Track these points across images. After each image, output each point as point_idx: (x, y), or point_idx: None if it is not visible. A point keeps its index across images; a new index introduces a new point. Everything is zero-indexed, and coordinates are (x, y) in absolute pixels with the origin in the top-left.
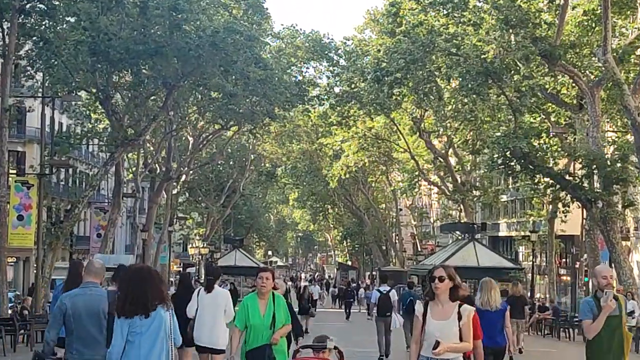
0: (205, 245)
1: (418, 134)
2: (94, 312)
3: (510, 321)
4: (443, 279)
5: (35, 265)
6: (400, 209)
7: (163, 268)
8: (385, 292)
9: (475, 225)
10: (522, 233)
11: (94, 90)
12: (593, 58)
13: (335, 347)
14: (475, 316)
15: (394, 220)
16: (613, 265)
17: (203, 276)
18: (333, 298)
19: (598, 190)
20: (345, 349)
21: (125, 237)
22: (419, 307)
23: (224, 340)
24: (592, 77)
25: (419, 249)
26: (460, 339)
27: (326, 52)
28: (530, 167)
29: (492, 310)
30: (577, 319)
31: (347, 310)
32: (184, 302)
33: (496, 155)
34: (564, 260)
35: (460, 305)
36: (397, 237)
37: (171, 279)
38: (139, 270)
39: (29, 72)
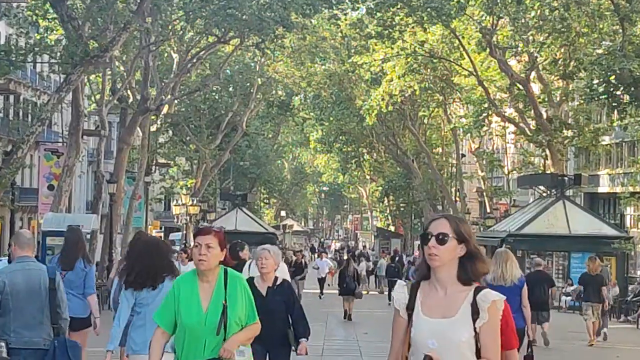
0: (195, 202)
1: (488, 50)
2: (35, 290)
3: (585, 306)
4: (445, 238)
5: None
6: (463, 155)
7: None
8: None
9: (566, 178)
10: (631, 189)
11: None
12: None
13: None
14: (507, 314)
15: (454, 170)
16: None
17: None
18: (367, 275)
19: None
20: (385, 344)
21: (86, 191)
22: (399, 292)
23: None
24: None
25: (488, 210)
26: (478, 355)
27: None
28: None
29: (506, 285)
30: None
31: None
32: None
33: (596, 81)
34: None
35: (477, 291)
36: (458, 194)
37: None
38: (147, 243)
39: None
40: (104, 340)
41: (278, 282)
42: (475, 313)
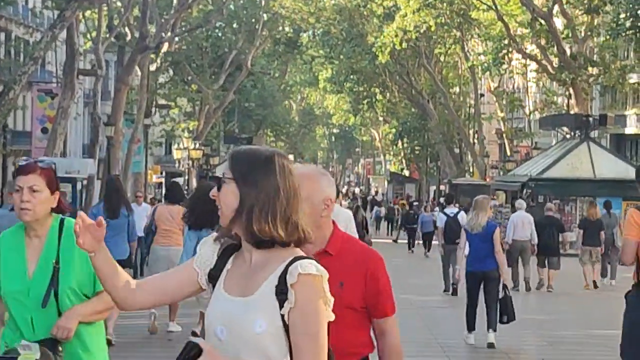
0: (197, 145)
1: None
2: None
3: (582, 249)
4: (225, 184)
5: None
6: (482, 95)
7: (137, 178)
8: (452, 214)
9: (590, 119)
10: None
11: None
12: None
13: None
14: (381, 276)
15: (472, 110)
16: None
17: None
18: (377, 220)
19: None
20: (402, 297)
21: (82, 134)
22: (205, 248)
23: None
24: None
25: (509, 153)
26: (291, 352)
27: None
28: None
29: (472, 232)
30: None
31: (411, 240)
32: None
33: (623, 15)
34: None
35: (294, 261)
36: (476, 136)
37: (149, 194)
38: (206, 188)
39: None
40: None
41: None
42: (281, 292)
